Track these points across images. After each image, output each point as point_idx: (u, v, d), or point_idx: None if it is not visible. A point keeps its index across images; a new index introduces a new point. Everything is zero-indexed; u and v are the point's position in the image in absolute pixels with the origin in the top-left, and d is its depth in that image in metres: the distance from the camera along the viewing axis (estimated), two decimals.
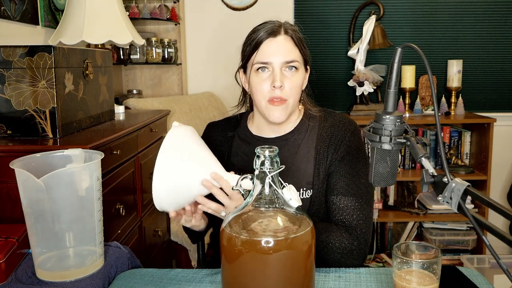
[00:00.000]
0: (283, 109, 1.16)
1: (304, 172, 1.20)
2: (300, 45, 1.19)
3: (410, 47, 0.79)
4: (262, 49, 1.16)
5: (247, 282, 0.77)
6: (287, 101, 1.16)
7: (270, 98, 1.16)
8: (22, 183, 0.95)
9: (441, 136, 0.79)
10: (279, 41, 1.16)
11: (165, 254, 2.34)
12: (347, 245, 1.11)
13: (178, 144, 1.01)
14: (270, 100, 1.16)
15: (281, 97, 1.15)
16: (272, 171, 0.79)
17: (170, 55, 2.86)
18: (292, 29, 1.19)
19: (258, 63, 1.16)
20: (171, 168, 0.99)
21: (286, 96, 1.16)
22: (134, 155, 1.87)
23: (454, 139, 2.87)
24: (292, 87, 1.16)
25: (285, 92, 1.15)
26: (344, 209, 1.15)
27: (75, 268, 0.99)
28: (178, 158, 0.99)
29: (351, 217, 1.14)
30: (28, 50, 1.45)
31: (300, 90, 1.20)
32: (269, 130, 1.25)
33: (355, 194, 1.16)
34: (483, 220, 0.70)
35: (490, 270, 2.60)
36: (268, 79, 1.15)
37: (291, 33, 1.18)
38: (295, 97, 1.18)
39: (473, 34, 3.00)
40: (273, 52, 1.15)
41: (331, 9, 3.01)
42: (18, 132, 1.50)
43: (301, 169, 1.21)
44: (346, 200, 1.15)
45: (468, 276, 1.01)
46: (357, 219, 1.14)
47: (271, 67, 1.15)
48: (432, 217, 2.78)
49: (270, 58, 1.15)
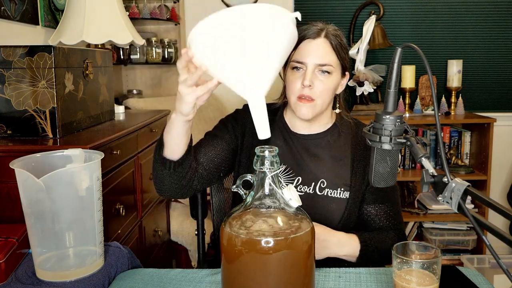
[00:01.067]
0: (310, 107, 1.19)
1: (340, 174, 1.25)
2: (339, 50, 1.20)
3: (410, 47, 0.79)
4: (300, 48, 1.19)
5: (247, 282, 0.77)
6: (314, 101, 1.19)
7: (299, 95, 1.19)
8: (22, 183, 0.95)
9: (441, 136, 0.79)
10: (317, 43, 1.19)
11: (165, 254, 2.34)
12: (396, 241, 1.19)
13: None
14: (299, 97, 1.19)
15: (309, 95, 1.18)
16: (272, 171, 0.79)
17: (170, 55, 2.86)
18: (333, 33, 1.21)
19: (294, 61, 1.20)
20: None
21: (314, 95, 1.19)
22: (134, 155, 1.87)
23: (454, 139, 2.87)
24: (322, 89, 1.19)
25: (314, 92, 1.18)
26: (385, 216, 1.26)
27: (75, 268, 0.99)
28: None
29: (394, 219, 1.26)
30: (28, 50, 1.45)
31: (331, 94, 1.22)
32: (301, 126, 1.29)
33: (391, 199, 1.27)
34: (483, 220, 0.70)
35: (490, 270, 2.60)
36: (300, 78, 1.19)
37: (331, 37, 1.20)
38: (324, 99, 1.21)
39: (473, 34, 3.00)
40: (308, 53, 1.18)
41: (331, 9, 3.01)
42: (18, 132, 1.50)
43: (335, 169, 1.25)
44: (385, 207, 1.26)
45: (468, 276, 1.01)
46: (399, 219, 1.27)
47: (305, 67, 1.19)
48: (432, 217, 2.78)
49: (304, 58, 1.18)
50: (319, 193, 1.23)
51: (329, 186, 1.23)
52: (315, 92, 1.18)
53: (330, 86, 1.20)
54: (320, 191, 1.23)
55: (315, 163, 1.25)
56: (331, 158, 1.27)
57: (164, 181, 1.14)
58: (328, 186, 1.23)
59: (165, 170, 1.11)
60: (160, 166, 1.12)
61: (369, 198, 1.26)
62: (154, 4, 2.87)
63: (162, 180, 1.14)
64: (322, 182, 1.24)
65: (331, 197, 1.23)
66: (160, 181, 1.15)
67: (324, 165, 1.25)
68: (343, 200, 1.23)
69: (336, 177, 1.25)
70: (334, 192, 1.23)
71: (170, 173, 1.11)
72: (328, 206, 1.23)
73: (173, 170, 1.11)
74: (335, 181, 1.24)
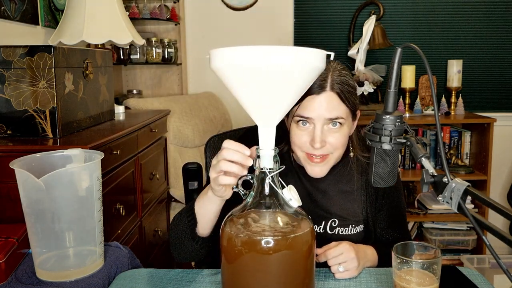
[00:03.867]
0: (324, 164, 1.10)
1: (351, 209, 1.18)
2: (348, 98, 1.06)
3: (410, 47, 0.79)
4: (304, 104, 1.05)
5: (247, 282, 0.77)
6: (329, 156, 1.09)
7: (309, 153, 1.09)
8: (22, 183, 0.95)
9: (441, 136, 0.79)
10: (322, 99, 1.04)
11: (165, 254, 2.34)
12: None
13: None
14: (308, 155, 1.09)
15: (322, 154, 1.08)
16: (272, 172, 0.79)
17: (170, 55, 2.86)
18: (339, 81, 1.05)
19: (298, 116, 1.06)
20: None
21: (328, 151, 1.08)
22: (134, 155, 1.87)
23: (454, 139, 2.86)
24: (336, 143, 1.08)
25: (327, 148, 1.07)
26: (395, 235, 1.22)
27: (75, 268, 0.99)
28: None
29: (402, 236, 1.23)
30: (28, 50, 1.45)
31: (345, 143, 1.11)
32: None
33: (401, 222, 1.25)
34: (483, 220, 0.70)
35: (490, 270, 2.60)
36: (308, 134, 1.07)
37: (337, 87, 1.05)
38: (340, 150, 1.10)
39: (473, 34, 3.00)
40: (316, 108, 1.04)
41: (331, 9, 3.01)
42: (18, 132, 1.50)
43: (346, 204, 1.18)
44: (394, 232, 1.23)
45: (468, 276, 1.01)
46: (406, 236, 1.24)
47: (312, 123, 1.06)
48: (432, 217, 2.78)
49: (311, 114, 1.05)
50: (330, 232, 1.16)
51: (340, 225, 1.16)
52: (328, 148, 1.07)
53: (343, 138, 1.08)
54: (331, 230, 1.16)
55: (324, 200, 1.17)
56: (339, 192, 1.18)
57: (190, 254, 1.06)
58: (339, 224, 1.16)
59: (195, 245, 1.03)
60: (190, 241, 1.03)
61: (380, 223, 1.22)
62: (154, 4, 2.87)
63: (187, 251, 1.05)
64: (334, 221, 1.16)
65: (342, 235, 1.16)
66: (184, 252, 1.06)
67: (333, 202, 1.17)
68: (359, 234, 1.18)
69: (346, 213, 1.17)
70: (345, 229, 1.16)
71: (199, 248, 1.04)
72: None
73: (203, 245, 1.04)
74: (345, 217, 1.17)
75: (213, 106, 2.89)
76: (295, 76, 0.77)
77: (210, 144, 1.47)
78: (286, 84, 0.77)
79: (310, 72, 0.78)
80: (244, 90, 0.80)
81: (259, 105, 0.80)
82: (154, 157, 2.17)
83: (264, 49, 0.74)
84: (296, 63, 0.75)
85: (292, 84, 0.78)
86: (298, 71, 0.77)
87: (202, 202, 0.99)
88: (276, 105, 0.80)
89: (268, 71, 0.75)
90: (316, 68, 0.78)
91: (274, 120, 0.82)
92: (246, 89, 0.79)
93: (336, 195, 1.18)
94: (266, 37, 2.98)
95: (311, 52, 0.77)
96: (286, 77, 0.76)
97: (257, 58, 0.74)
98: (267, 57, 0.74)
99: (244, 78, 0.77)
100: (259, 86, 0.77)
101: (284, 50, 0.74)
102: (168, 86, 3.01)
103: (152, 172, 2.12)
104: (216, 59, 0.78)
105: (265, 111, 0.81)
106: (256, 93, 0.79)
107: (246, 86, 0.78)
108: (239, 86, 0.79)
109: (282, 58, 0.74)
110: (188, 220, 1.02)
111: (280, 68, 0.75)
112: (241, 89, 0.80)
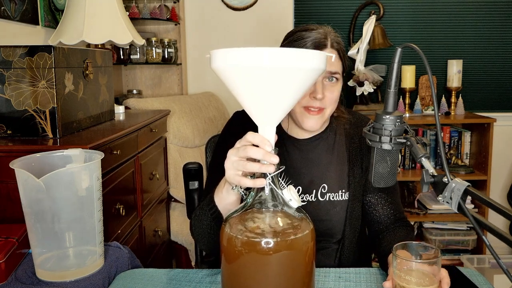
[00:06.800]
0: (319, 117, 1.16)
1: (339, 175, 1.23)
2: (344, 57, 1.18)
3: (410, 47, 0.79)
4: None
5: (247, 282, 0.77)
6: (324, 109, 1.16)
7: (307, 106, 1.15)
8: (22, 183, 0.95)
9: (441, 136, 0.79)
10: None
11: (165, 254, 2.34)
12: (412, 234, 1.18)
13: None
14: (306, 108, 1.15)
15: (319, 106, 1.15)
16: (272, 172, 0.79)
17: (170, 55, 2.86)
18: (337, 41, 1.17)
19: None
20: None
21: (324, 105, 1.16)
22: (134, 155, 1.87)
23: (454, 139, 2.87)
24: (332, 97, 1.16)
25: (324, 102, 1.15)
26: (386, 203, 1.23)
27: (75, 268, 0.99)
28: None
29: (396, 209, 1.23)
30: (28, 50, 1.45)
31: (337, 99, 1.19)
32: (300, 130, 1.23)
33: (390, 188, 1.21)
34: (483, 220, 0.70)
35: (490, 270, 2.60)
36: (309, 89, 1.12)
37: (337, 46, 1.16)
38: (333, 107, 1.18)
39: (473, 34, 3.00)
40: None
41: (331, 9, 3.01)
42: (18, 132, 1.50)
43: (334, 171, 1.23)
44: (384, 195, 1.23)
45: (468, 276, 1.01)
46: (400, 208, 1.25)
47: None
48: (432, 217, 2.78)
49: None
50: (321, 199, 1.21)
51: (330, 190, 1.21)
52: (325, 101, 1.15)
53: (337, 94, 1.17)
54: (322, 197, 1.21)
55: (314, 168, 1.22)
56: (328, 160, 1.24)
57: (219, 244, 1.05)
58: (329, 190, 1.21)
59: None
60: (217, 232, 0.97)
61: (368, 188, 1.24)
62: (154, 4, 2.87)
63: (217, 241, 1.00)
64: (323, 187, 1.21)
65: (334, 201, 1.21)
66: (213, 243, 1.06)
67: (323, 169, 1.22)
68: (344, 202, 1.21)
69: (336, 179, 1.22)
70: (336, 195, 1.21)
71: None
72: (332, 211, 1.20)
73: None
74: (336, 183, 1.22)
75: (213, 106, 2.89)
76: (296, 77, 0.78)
77: (211, 144, 1.47)
78: (287, 85, 0.78)
79: (310, 74, 0.79)
80: (244, 91, 0.80)
81: (259, 106, 0.81)
82: (154, 157, 2.17)
83: (266, 51, 0.74)
84: (297, 65, 0.76)
85: (292, 85, 0.78)
86: (299, 73, 0.77)
87: (221, 194, 0.98)
88: (276, 106, 0.81)
89: (269, 72, 0.75)
90: (316, 69, 0.78)
91: (274, 120, 0.82)
92: (246, 90, 0.80)
93: (324, 163, 1.23)
94: (266, 37, 2.98)
95: (312, 53, 0.77)
96: (287, 78, 0.77)
97: (258, 59, 0.74)
98: (268, 59, 0.74)
99: (244, 79, 0.78)
100: (259, 87, 0.78)
101: (285, 52, 0.74)
102: (168, 86, 3.01)
103: (152, 172, 2.12)
104: (217, 60, 0.79)
105: (265, 111, 0.81)
106: (257, 93, 0.79)
107: (246, 86, 0.79)
108: (239, 87, 0.80)
109: (283, 59, 0.74)
110: (211, 213, 1.02)
111: (281, 69, 0.75)
112: (241, 90, 0.80)
